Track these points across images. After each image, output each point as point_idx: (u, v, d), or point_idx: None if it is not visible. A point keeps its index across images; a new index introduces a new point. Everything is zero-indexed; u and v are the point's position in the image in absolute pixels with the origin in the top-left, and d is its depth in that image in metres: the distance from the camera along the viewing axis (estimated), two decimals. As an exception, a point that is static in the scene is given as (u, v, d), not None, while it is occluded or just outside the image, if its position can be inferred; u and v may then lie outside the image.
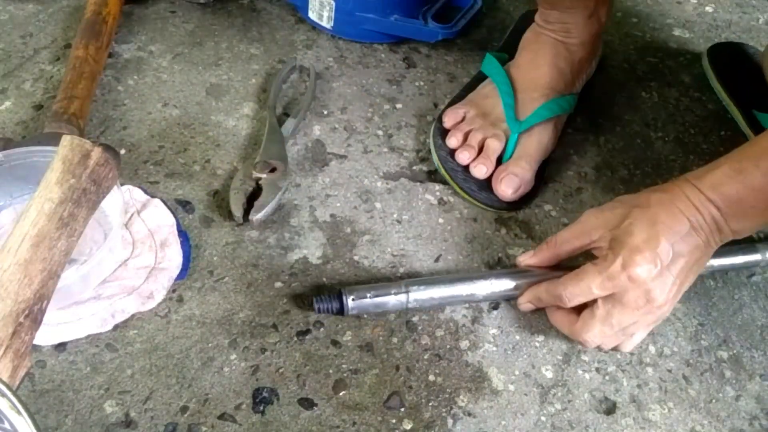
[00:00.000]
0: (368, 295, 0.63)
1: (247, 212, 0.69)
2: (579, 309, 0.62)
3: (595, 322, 0.60)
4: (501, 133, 0.76)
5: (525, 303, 0.65)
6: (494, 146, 0.76)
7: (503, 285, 0.66)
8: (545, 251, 0.65)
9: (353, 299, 0.63)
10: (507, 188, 0.73)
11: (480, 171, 0.75)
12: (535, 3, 0.82)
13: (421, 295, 0.64)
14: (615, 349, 0.64)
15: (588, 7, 0.78)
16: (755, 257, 0.71)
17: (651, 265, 0.56)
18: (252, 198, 0.70)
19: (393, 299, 0.64)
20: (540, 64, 0.80)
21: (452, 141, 0.77)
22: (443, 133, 0.79)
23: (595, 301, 0.60)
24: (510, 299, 0.67)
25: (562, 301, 0.61)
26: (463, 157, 0.75)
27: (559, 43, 0.80)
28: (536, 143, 0.76)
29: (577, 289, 0.59)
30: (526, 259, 0.67)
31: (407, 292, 0.64)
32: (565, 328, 0.63)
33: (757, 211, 0.56)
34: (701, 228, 0.57)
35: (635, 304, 0.58)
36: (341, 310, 0.63)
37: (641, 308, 0.58)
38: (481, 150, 0.76)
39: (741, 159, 0.57)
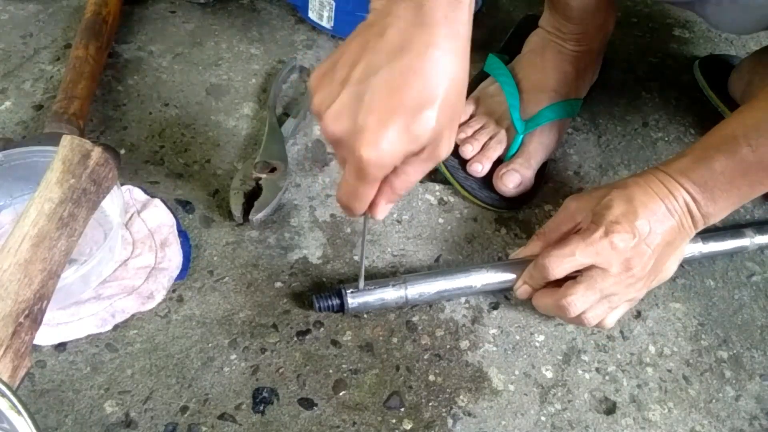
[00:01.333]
0: (367, 289, 0.63)
1: (247, 212, 0.69)
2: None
3: (579, 287, 0.60)
4: (504, 134, 0.77)
5: (520, 287, 0.65)
6: (495, 147, 0.76)
7: (499, 276, 0.66)
8: (536, 242, 0.67)
9: (353, 294, 0.63)
10: (507, 183, 0.74)
11: (476, 168, 0.75)
12: (535, 6, 0.82)
13: (419, 288, 0.64)
14: (598, 325, 0.63)
15: (600, 18, 0.79)
16: (743, 242, 0.73)
17: (629, 235, 0.59)
18: (252, 198, 0.70)
19: (392, 292, 0.64)
20: (547, 68, 0.80)
21: (460, 135, 0.77)
22: None
23: (578, 273, 0.61)
24: (507, 290, 0.68)
25: (548, 271, 0.61)
26: (467, 150, 0.75)
27: (568, 50, 0.80)
28: (540, 144, 0.76)
29: (561, 254, 0.60)
30: (519, 253, 0.68)
31: (405, 283, 0.64)
32: (549, 300, 0.62)
33: (724, 194, 0.59)
34: (675, 210, 0.60)
35: (616, 271, 0.60)
36: (342, 307, 0.63)
37: (621, 275, 0.60)
38: (482, 149, 0.76)
39: (704, 147, 0.60)
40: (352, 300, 0.63)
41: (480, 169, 0.75)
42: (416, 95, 0.44)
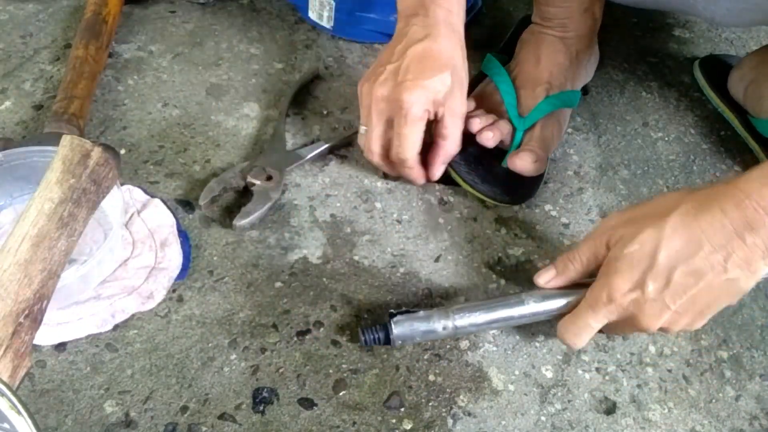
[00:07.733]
0: (413, 326, 0.61)
1: (232, 214, 0.70)
2: None
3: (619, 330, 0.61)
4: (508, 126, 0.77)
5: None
6: (506, 125, 0.76)
7: (553, 303, 0.61)
8: (562, 275, 0.61)
9: (398, 330, 0.60)
10: (526, 162, 0.73)
11: (487, 136, 0.74)
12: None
13: (465, 321, 0.61)
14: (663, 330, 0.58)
15: (583, 2, 0.80)
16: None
17: (634, 293, 0.54)
18: (238, 200, 0.71)
19: (440, 329, 0.61)
20: (539, 60, 0.80)
21: (466, 120, 0.74)
22: None
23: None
24: (551, 319, 0.63)
25: (572, 347, 0.61)
26: (475, 123, 0.74)
27: (557, 39, 0.81)
28: (540, 138, 0.76)
29: (576, 329, 0.58)
30: (546, 280, 0.62)
31: (453, 318, 0.61)
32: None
33: None
34: (719, 250, 0.52)
35: (629, 328, 0.58)
36: (387, 340, 0.61)
37: (634, 330, 0.58)
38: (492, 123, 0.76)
39: None
40: (397, 331, 0.60)
41: (490, 136, 0.74)
42: (433, 64, 0.67)
